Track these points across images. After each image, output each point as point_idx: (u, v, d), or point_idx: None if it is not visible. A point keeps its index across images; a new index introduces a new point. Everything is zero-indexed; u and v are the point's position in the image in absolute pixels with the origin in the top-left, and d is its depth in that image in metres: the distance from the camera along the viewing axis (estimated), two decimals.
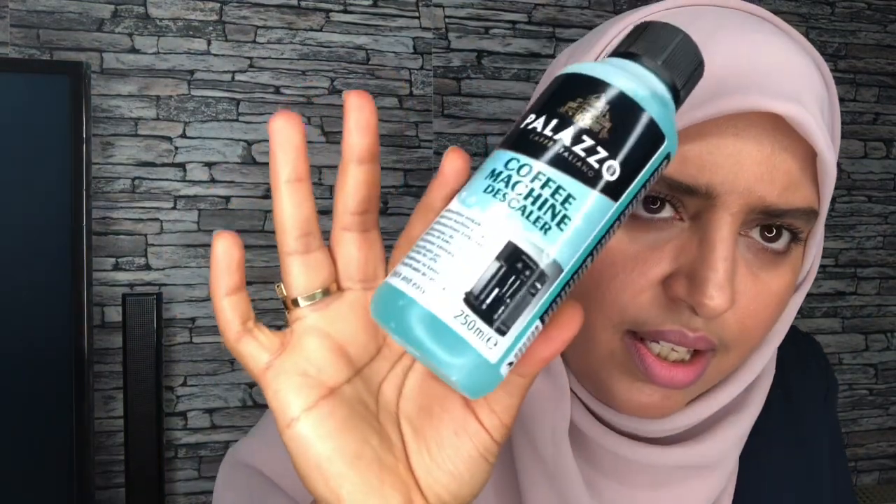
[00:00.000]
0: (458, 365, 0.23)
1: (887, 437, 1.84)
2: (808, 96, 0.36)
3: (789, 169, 0.35)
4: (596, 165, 0.24)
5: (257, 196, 1.49)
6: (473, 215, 0.24)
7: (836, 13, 1.82)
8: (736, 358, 0.38)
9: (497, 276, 0.23)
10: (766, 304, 0.37)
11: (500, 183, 0.24)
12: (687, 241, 0.36)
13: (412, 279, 0.24)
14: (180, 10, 1.45)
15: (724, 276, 0.34)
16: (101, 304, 1.41)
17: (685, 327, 0.36)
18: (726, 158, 0.35)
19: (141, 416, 1.21)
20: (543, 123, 0.25)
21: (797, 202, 0.36)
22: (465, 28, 1.59)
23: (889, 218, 1.85)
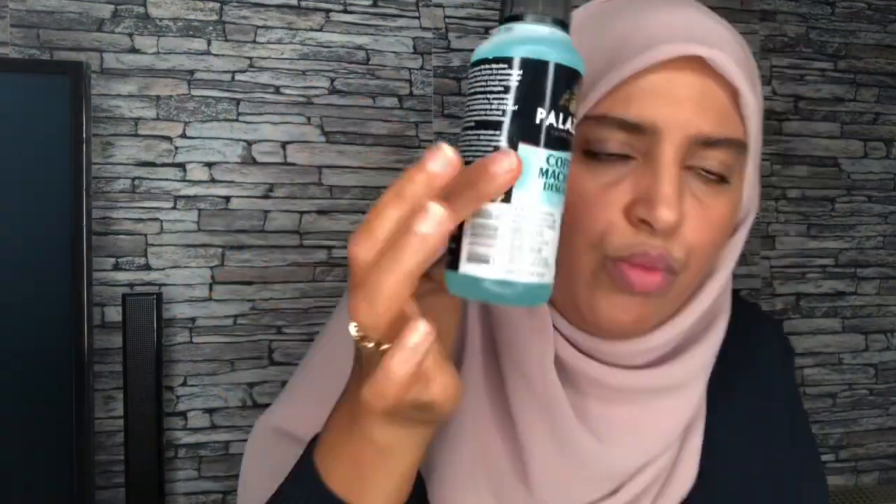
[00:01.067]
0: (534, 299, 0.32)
1: (887, 437, 1.84)
2: (725, 48, 0.45)
3: (719, 104, 0.44)
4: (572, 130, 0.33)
5: (257, 196, 1.49)
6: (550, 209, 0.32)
7: (836, 13, 1.82)
8: (692, 275, 0.46)
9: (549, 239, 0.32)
10: (711, 225, 0.45)
11: (552, 178, 0.31)
12: (641, 174, 0.44)
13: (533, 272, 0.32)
14: (180, 10, 1.45)
15: (672, 194, 0.42)
16: (101, 304, 1.41)
17: (649, 247, 0.43)
18: (665, 98, 0.43)
19: (141, 416, 1.21)
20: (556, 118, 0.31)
21: (728, 133, 0.44)
22: (465, 28, 1.59)
23: (889, 218, 1.85)
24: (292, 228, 1.50)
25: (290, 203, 1.50)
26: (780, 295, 1.78)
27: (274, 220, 1.50)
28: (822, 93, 1.81)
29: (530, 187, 0.31)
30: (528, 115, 0.31)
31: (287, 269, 1.50)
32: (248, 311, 1.48)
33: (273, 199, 1.50)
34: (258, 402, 1.48)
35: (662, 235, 0.43)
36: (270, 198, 1.49)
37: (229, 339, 1.47)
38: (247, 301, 1.48)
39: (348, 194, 1.53)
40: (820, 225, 1.80)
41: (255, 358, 1.49)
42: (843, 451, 1.81)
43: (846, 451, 1.82)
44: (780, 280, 1.78)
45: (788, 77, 1.78)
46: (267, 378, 1.49)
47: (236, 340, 1.48)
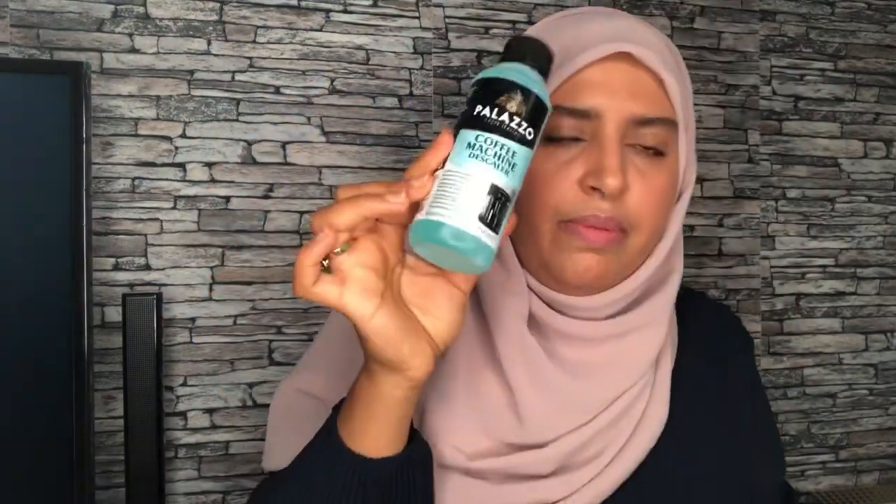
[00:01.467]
0: (479, 254, 0.42)
1: (887, 437, 1.84)
2: (650, 46, 0.55)
3: (647, 90, 0.55)
4: (524, 132, 0.43)
5: (257, 196, 1.49)
6: (468, 171, 0.42)
7: (836, 13, 1.82)
8: (644, 236, 0.56)
9: (491, 203, 0.42)
10: (653, 191, 0.55)
11: (476, 150, 0.42)
12: (590, 152, 0.54)
13: (442, 214, 0.41)
14: (180, 10, 1.45)
15: (615, 164, 0.52)
16: (101, 304, 1.41)
17: (598, 210, 0.53)
18: (604, 88, 0.54)
19: (141, 416, 1.21)
20: (489, 111, 0.43)
21: (657, 112, 0.55)
22: (465, 28, 1.59)
23: (889, 218, 1.85)
24: (292, 228, 1.50)
25: (290, 203, 1.50)
26: (779, 295, 1.78)
27: (274, 220, 1.50)
28: (822, 93, 1.81)
29: (458, 155, 0.42)
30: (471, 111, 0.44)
31: (287, 269, 1.50)
32: (248, 311, 1.48)
33: (273, 199, 1.50)
34: (258, 402, 1.48)
35: (610, 200, 0.53)
36: (270, 198, 1.49)
37: (229, 339, 1.47)
38: (247, 301, 1.48)
39: None
40: (820, 225, 1.80)
41: (255, 358, 1.49)
42: (843, 451, 1.81)
43: (846, 451, 1.82)
44: (780, 280, 1.78)
45: (788, 77, 1.79)
46: (267, 378, 1.49)
47: (236, 340, 1.48)
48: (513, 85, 0.43)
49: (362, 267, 0.44)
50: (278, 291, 1.50)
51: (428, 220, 0.41)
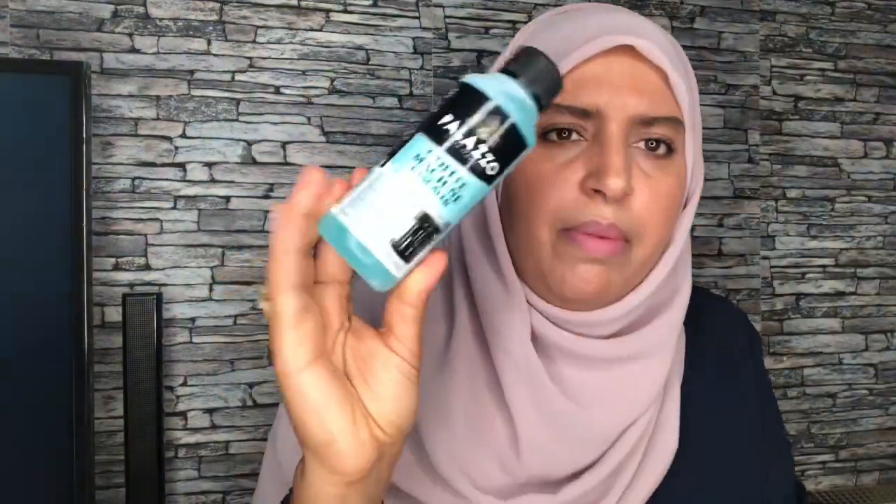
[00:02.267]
0: (378, 277, 0.35)
1: (887, 437, 1.84)
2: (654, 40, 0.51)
3: (652, 87, 0.50)
4: (485, 165, 0.35)
5: (257, 196, 1.49)
6: (402, 184, 0.35)
7: (836, 13, 1.82)
8: (649, 246, 0.51)
9: (412, 231, 0.35)
10: (658, 197, 0.50)
11: (421, 165, 0.35)
12: (591, 152, 0.50)
13: (354, 218, 0.35)
14: (180, 10, 1.45)
15: (619, 165, 0.47)
16: (101, 304, 1.41)
17: (599, 217, 0.48)
18: (605, 85, 0.49)
19: (141, 416, 1.21)
20: (457, 127, 0.35)
21: (662, 111, 0.50)
22: (465, 28, 1.59)
23: (889, 218, 1.85)
24: None
25: None
26: (780, 295, 1.78)
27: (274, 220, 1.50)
28: (822, 93, 1.81)
29: (400, 162, 0.35)
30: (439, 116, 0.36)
31: None
32: (248, 311, 1.48)
33: (273, 199, 1.50)
34: (258, 402, 1.48)
35: (614, 203, 0.48)
36: (270, 198, 1.49)
37: (229, 339, 1.47)
38: (247, 301, 1.48)
39: None
40: (820, 225, 1.80)
41: (255, 358, 1.49)
42: (843, 451, 1.81)
43: (846, 451, 1.82)
44: (780, 280, 1.78)
45: (788, 77, 1.79)
46: (267, 378, 1.49)
47: (236, 340, 1.48)
48: (495, 106, 0.35)
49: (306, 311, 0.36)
50: None
51: (337, 218, 0.35)
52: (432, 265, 0.37)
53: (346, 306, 0.39)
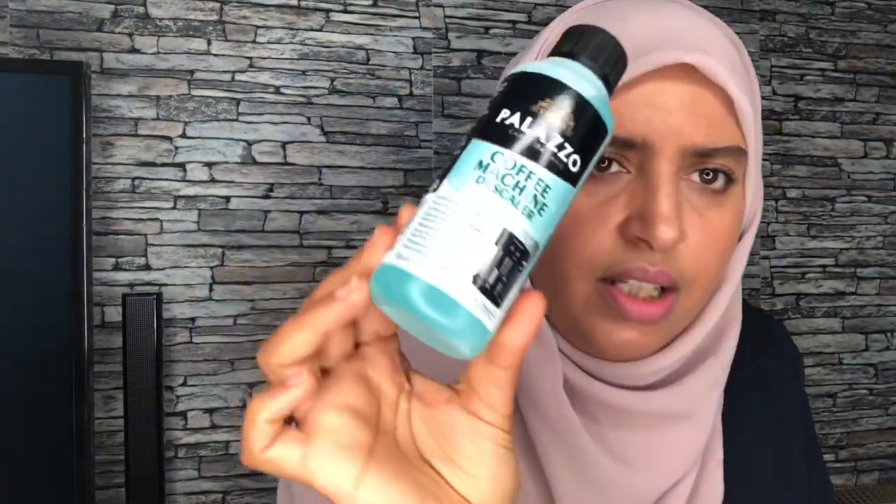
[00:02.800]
0: (467, 335, 0.26)
1: (887, 437, 1.84)
2: (716, 52, 0.42)
3: (711, 112, 0.41)
4: (565, 159, 0.29)
5: (257, 196, 1.49)
6: (471, 201, 0.27)
7: (836, 13, 1.82)
8: (698, 293, 0.43)
9: (497, 260, 0.27)
10: (714, 239, 0.42)
11: (489, 174, 0.27)
12: (635, 190, 0.41)
13: (416, 260, 0.26)
14: (180, 10, 1.45)
15: (669, 210, 0.39)
16: (101, 304, 1.41)
17: (646, 263, 0.41)
18: (654, 110, 0.40)
19: (141, 416, 1.21)
20: (520, 120, 0.28)
21: (722, 141, 0.41)
22: (465, 28, 1.59)
23: (889, 218, 1.85)
24: (292, 228, 1.50)
25: (290, 203, 1.50)
26: (780, 295, 1.78)
27: (274, 220, 1.50)
28: (822, 93, 1.81)
29: (459, 176, 0.28)
30: (493, 115, 0.29)
31: (287, 269, 1.50)
32: (248, 311, 1.48)
33: (273, 199, 1.50)
34: None
35: (661, 253, 0.41)
36: (270, 198, 1.49)
37: (229, 339, 1.47)
38: (247, 301, 1.48)
39: (348, 194, 1.53)
40: (820, 225, 1.80)
41: (255, 358, 1.49)
42: (843, 451, 1.81)
43: (846, 451, 1.82)
44: (780, 280, 1.78)
45: (788, 77, 1.78)
46: None
47: (236, 340, 1.48)
48: (561, 87, 0.29)
49: (337, 411, 0.28)
50: (278, 291, 1.50)
51: (393, 266, 0.27)
52: (528, 312, 0.28)
53: (400, 364, 0.32)
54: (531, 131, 0.28)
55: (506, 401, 0.30)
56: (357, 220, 1.53)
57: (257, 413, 0.27)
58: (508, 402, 0.30)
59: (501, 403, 0.30)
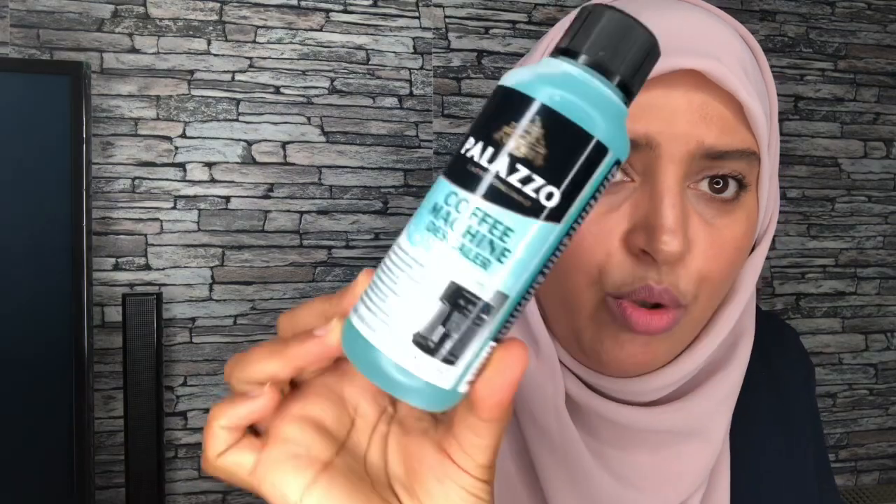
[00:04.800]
0: (416, 394, 0.25)
1: (887, 437, 1.84)
2: (727, 57, 0.40)
3: (722, 115, 0.39)
4: (532, 194, 0.23)
5: (257, 196, 1.49)
6: (417, 255, 0.24)
7: (836, 13, 1.82)
8: (706, 306, 0.41)
9: (442, 316, 0.24)
10: (723, 250, 0.40)
11: (440, 220, 0.24)
12: (639, 198, 0.39)
13: (367, 319, 0.25)
14: (180, 10, 1.45)
15: (674, 221, 0.37)
16: (101, 304, 1.41)
17: (651, 280, 0.39)
18: (660, 111, 0.38)
19: (141, 416, 1.21)
20: (480, 151, 0.24)
21: (735, 144, 0.39)
22: (465, 28, 1.59)
23: (889, 218, 1.85)
24: (292, 228, 1.50)
25: (290, 203, 1.50)
26: (780, 295, 1.78)
27: (274, 220, 1.50)
28: (822, 93, 1.81)
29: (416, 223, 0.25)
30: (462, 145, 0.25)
31: (287, 269, 1.50)
32: (248, 311, 1.48)
33: (273, 199, 1.50)
34: None
35: (666, 266, 0.39)
36: (270, 198, 1.49)
37: (229, 339, 1.47)
38: (247, 301, 1.48)
39: (348, 194, 1.53)
40: (820, 225, 1.80)
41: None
42: (843, 451, 1.81)
43: (846, 451, 1.82)
44: (780, 280, 1.78)
45: (788, 77, 1.78)
46: None
47: (236, 340, 1.48)
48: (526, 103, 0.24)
49: (298, 422, 0.28)
50: (278, 291, 1.50)
51: (349, 322, 0.26)
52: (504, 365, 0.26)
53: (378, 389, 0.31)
54: (492, 165, 0.23)
55: (485, 450, 0.27)
56: (357, 220, 1.53)
57: (215, 419, 0.27)
58: (488, 452, 0.28)
59: (479, 452, 0.27)
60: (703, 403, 0.45)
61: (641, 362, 0.41)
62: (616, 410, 0.44)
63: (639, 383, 0.43)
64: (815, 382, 0.60)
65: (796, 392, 0.56)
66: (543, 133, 0.23)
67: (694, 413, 0.45)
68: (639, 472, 0.45)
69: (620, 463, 0.45)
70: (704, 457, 0.46)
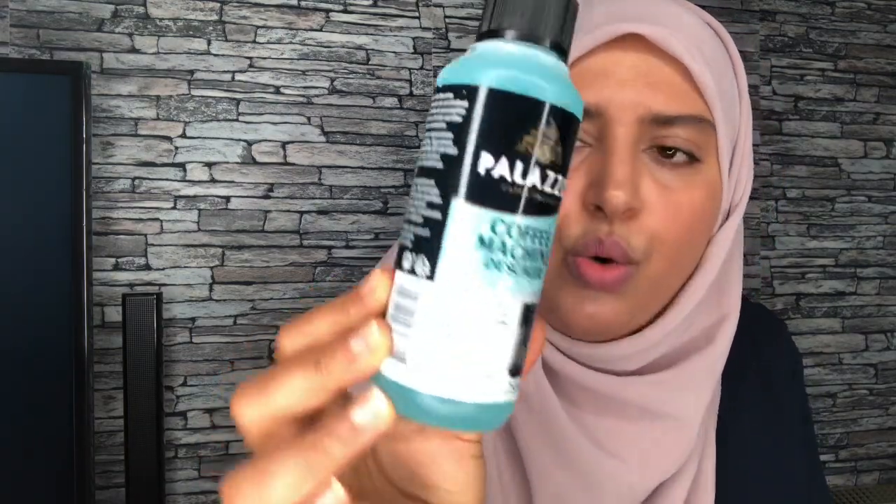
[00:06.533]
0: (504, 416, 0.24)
1: (887, 437, 1.84)
2: (676, 27, 0.42)
3: (670, 81, 0.41)
4: (557, 193, 0.24)
5: (257, 196, 1.49)
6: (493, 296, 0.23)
7: (836, 13, 1.82)
8: (660, 267, 0.42)
9: (522, 337, 0.24)
10: (678, 213, 0.42)
11: (498, 253, 0.23)
12: (594, 160, 0.42)
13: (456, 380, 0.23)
14: (180, 10, 1.45)
15: (621, 175, 0.39)
16: (101, 304, 1.41)
17: (601, 234, 0.40)
18: (610, 79, 0.41)
19: (141, 416, 1.21)
20: (509, 168, 0.23)
21: (685, 109, 0.41)
22: (465, 28, 1.59)
23: (889, 218, 1.85)
24: (292, 228, 1.50)
25: (290, 203, 1.50)
26: (780, 295, 1.78)
27: (274, 220, 1.50)
28: (822, 93, 1.81)
29: (463, 262, 0.23)
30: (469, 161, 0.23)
31: (287, 269, 1.50)
32: (248, 311, 1.48)
33: (273, 199, 1.50)
34: None
35: (617, 220, 0.40)
36: (270, 198, 1.49)
37: (229, 339, 1.47)
38: (247, 301, 1.48)
39: (348, 194, 1.53)
40: (820, 225, 1.80)
41: (255, 358, 1.49)
42: (843, 451, 1.81)
43: (846, 451, 1.82)
44: (780, 280, 1.78)
45: (788, 77, 1.79)
46: None
47: (236, 340, 1.48)
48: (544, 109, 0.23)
49: None
50: (278, 291, 1.50)
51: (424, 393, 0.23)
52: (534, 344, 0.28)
53: None
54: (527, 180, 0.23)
55: None
56: (357, 220, 1.53)
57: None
58: None
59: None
60: (675, 380, 0.46)
61: (600, 322, 0.42)
62: (588, 376, 0.45)
63: (606, 348, 0.45)
64: (803, 374, 0.60)
65: (784, 382, 0.57)
66: (559, 134, 0.23)
67: (665, 388, 0.46)
68: (617, 440, 0.46)
69: (596, 429, 0.46)
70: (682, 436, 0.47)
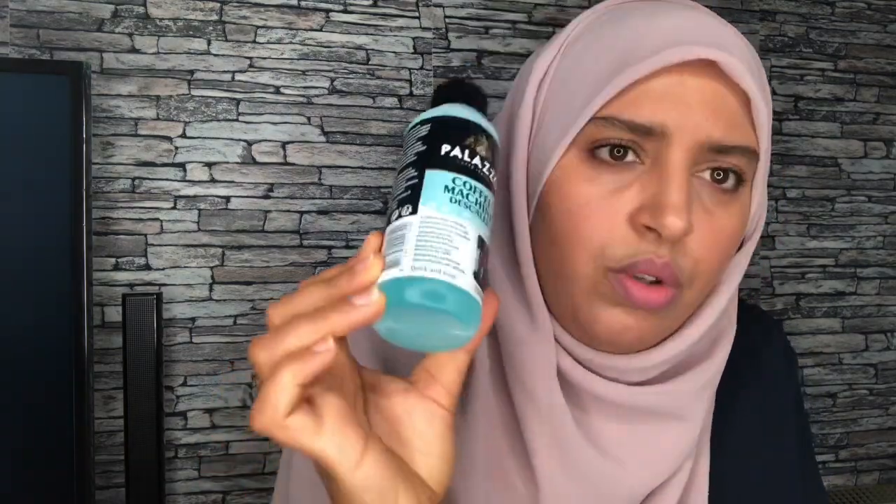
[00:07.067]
0: (475, 320, 0.34)
1: (887, 437, 1.84)
2: (738, 53, 0.43)
3: (730, 110, 0.42)
4: (492, 178, 0.38)
5: (257, 196, 1.49)
6: (457, 218, 0.35)
7: (836, 13, 1.82)
8: (697, 292, 0.45)
9: (480, 258, 0.35)
10: (719, 238, 0.43)
11: (458, 195, 0.36)
12: (648, 180, 0.42)
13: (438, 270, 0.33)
14: (180, 10, 1.45)
15: (680, 201, 0.40)
16: (101, 304, 1.41)
17: (654, 255, 0.42)
18: (675, 101, 0.42)
19: (141, 416, 1.21)
20: (460, 152, 0.37)
21: (739, 140, 0.42)
22: (465, 28, 1.59)
23: (889, 218, 1.85)
24: (292, 228, 1.50)
25: (290, 203, 1.50)
26: (780, 295, 1.78)
27: (274, 220, 1.50)
28: (822, 93, 1.81)
29: (436, 200, 0.35)
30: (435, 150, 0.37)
31: (287, 269, 1.50)
32: (248, 311, 1.48)
33: (273, 199, 1.50)
34: None
35: (669, 244, 0.41)
36: (270, 198, 1.49)
37: (229, 339, 1.47)
38: (247, 301, 1.48)
39: (348, 194, 1.53)
40: (820, 225, 1.80)
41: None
42: (843, 451, 1.81)
43: (846, 451, 1.82)
44: (780, 280, 1.78)
45: (788, 77, 1.78)
46: None
47: (236, 340, 1.48)
48: (478, 127, 0.38)
49: (335, 393, 0.33)
50: (278, 291, 1.50)
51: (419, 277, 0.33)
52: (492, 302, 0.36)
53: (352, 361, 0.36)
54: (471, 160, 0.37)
55: (458, 383, 0.37)
56: (357, 220, 1.53)
57: (285, 375, 0.30)
58: (459, 385, 0.37)
59: (455, 384, 0.37)
60: (685, 387, 0.48)
61: (634, 336, 0.44)
62: (602, 385, 0.47)
63: (626, 360, 0.46)
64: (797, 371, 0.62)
65: (780, 383, 0.58)
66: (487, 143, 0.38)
67: (675, 396, 0.48)
68: (620, 446, 0.48)
69: (601, 434, 0.48)
70: (683, 439, 0.49)
